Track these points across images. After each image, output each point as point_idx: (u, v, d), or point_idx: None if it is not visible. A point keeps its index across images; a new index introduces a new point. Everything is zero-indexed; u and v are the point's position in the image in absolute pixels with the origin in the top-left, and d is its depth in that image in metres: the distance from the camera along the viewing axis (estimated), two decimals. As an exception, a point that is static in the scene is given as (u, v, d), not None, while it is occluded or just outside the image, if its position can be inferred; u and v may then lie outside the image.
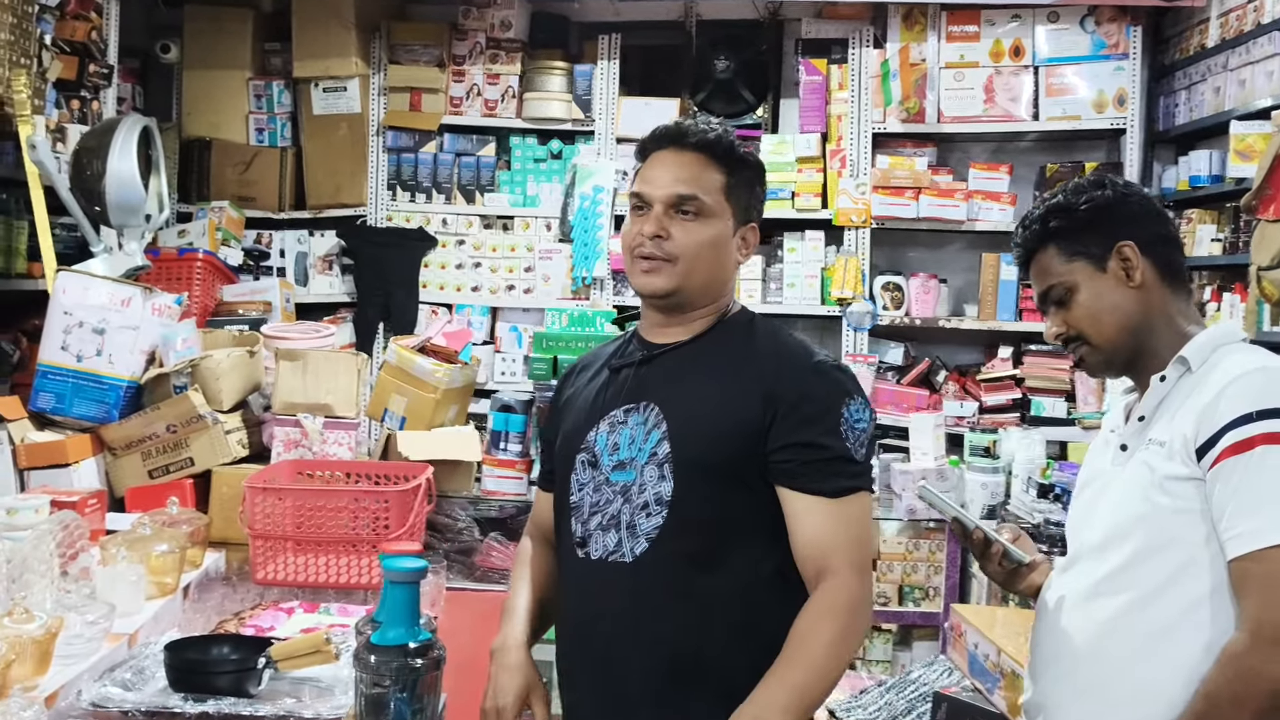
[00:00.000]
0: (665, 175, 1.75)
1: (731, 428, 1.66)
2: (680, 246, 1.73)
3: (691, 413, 1.70)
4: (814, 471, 1.64)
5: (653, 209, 1.74)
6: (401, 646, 1.55)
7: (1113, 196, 1.68)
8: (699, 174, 1.75)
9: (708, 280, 1.76)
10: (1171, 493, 1.54)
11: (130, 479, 3.12)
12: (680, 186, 1.74)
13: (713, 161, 1.77)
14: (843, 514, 1.64)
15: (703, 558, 1.66)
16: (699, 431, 1.68)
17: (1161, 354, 1.64)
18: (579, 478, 1.77)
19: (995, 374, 4.64)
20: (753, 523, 1.67)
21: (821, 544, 1.63)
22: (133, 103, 4.95)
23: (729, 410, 1.67)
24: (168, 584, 2.55)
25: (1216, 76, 4.17)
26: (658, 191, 1.74)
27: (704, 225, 1.74)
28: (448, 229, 4.96)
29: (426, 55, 4.94)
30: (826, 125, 4.77)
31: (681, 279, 1.73)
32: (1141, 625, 1.55)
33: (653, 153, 1.80)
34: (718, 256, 1.76)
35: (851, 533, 1.64)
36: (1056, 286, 1.69)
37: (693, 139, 1.77)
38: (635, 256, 1.76)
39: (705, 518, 1.66)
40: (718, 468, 1.66)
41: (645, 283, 1.75)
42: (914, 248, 4.97)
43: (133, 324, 3.11)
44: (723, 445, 1.66)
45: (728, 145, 1.79)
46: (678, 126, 1.80)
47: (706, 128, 1.79)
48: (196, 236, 4.71)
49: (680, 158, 1.76)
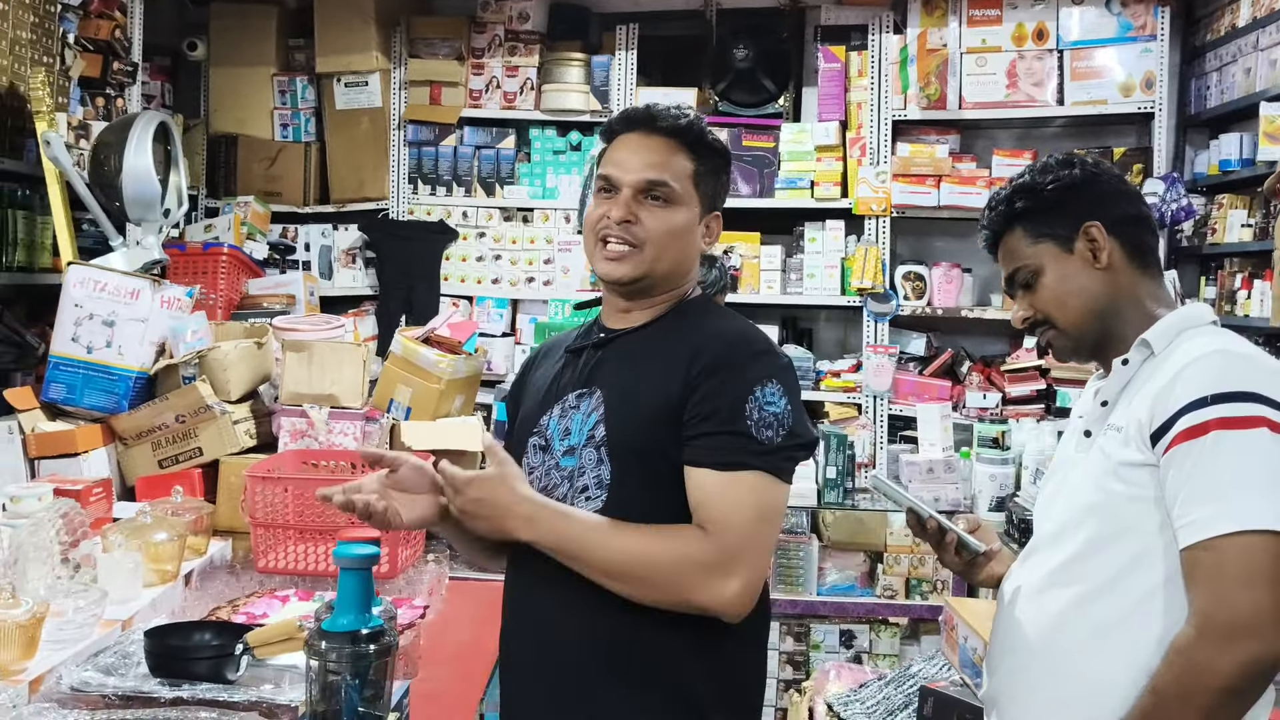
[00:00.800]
0: (635, 159, 1.72)
1: (658, 411, 1.64)
2: (648, 232, 1.70)
3: (626, 396, 1.68)
4: (708, 444, 1.59)
5: (621, 193, 1.72)
6: (352, 633, 1.55)
7: (1080, 176, 1.63)
8: (668, 160, 1.73)
9: (672, 267, 1.74)
10: (1126, 479, 1.48)
11: (141, 468, 3.16)
12: (651, 172, 1.71)
13: (682, 148, 1.74)
14: (729, 488, 1.57)
15: None
16: (630, 414, 1.66)
17: (1128, 337, 1.58)
18: (530, 461, 1.75)
19: (1020, 365, 4.55)
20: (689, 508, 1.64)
21: (698, 510, 1.58)
22: (162, 100, 5.03)
23: (654, 392, 1.65)
24: (168, 571, 2.57)
25: (1248, 57, 4.05)
26: (627, 175, 1.71)
27: (672, 212, 1.72)
28: (468, 221, 4.98)
29: (446, 49, 4.96)
30: (846, 113, 4.71)
31: (648, 266, 1.71)
32: (1093, 617, 1.50)
33: (620, 135, 1.77)
34: (683, 244, 1.74)
35: (735, 508, 1.57)
36: (1023, 269, 1.65)
37: (663, 124, 1.75)
38: (600, 240, 1.73)
39: (642, 502, 1.63)
40: (648, 451, 1.64)
41: (610, 269, 1.72)
42: (936, 237, 4.90)
43: (141, 316, 3.15)
44: (650, 428, 1.64)
45: (698, 132, 1.76)
46: (647, 110, 1.77)
47: (678, 113, 1.76)
48: (222, 231, 4.77)
49: (649, 142, 1.74)
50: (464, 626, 2.68)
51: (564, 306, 3.58)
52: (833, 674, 2.87)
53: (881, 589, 3.98)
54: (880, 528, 3.94)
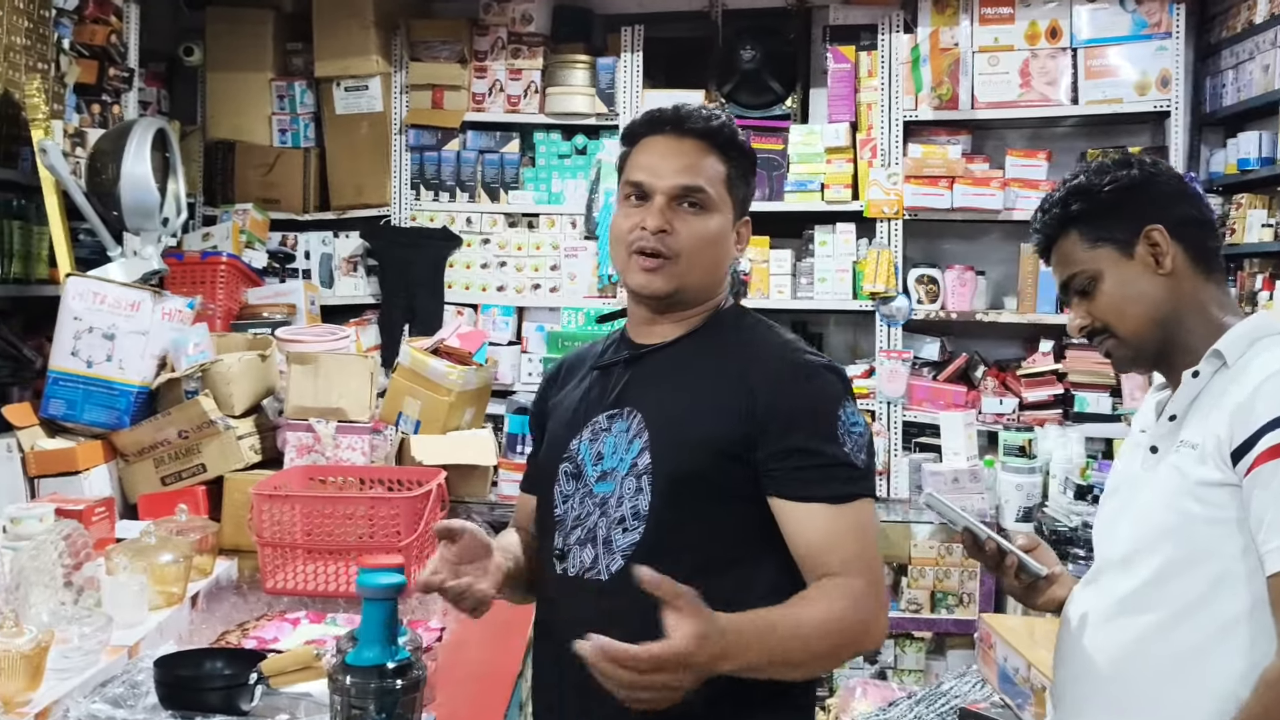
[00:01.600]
0: (667, 164, 1.63)
1: (713, 436, 1.55)
2: (683, 242, 1.61)
3: (671, 420, 1.58)
4: (810, 478, 1.52)
5: (654, 200, 1.62)
6: (378, 667, 1.46)
7: (1139, 176, 1.55)
8: (701, 163, 1.64)
9: (706, 278, 1.65)
10: (1204, 500, 1.40)
11: (143, 485, 3.08)
12: (685, 177, 1.62)
13: (713, 150, 1.65)
14: (844, 520, 1.51)
15: (684, 576, 1.51)
16: (679, 440, 1.56)
17: (1194, 347, 1.50)
18: (562, 489, 1.66)
19: (1036, 369, 4.47)
20: (740, 537, 1.56)
21: (821, 551, 1.51)
22: (158, 106, 4.93)
23: (710, 417, 1.56)
24: (174, 593, 2.50)
25: (1265, 54, 3.98)
26: (661, 182, 1.62)
27: (707, 219, 1.63)
28: (472, 228, 4.89)
29: (447, 52, 4.87)
30: (856, 114, 4.63)
31: (682, 277, 1.62)
32: (1170, 646, 1.42)
33: (646, 138, 1.67)
34: (718, 252, 1.66)
35: (855, 539, 1.51)
36: (1079, 275, 1.56)
37: (694, 125, 1.65)
38: (634, 252, 1.63)
39: (686, 533, 1.55)
40: (699, 479, 1.55)
41: (645, 282, 1.62)
42: (949, 239, 4.82)
43: (142, 329, 3.07)
44: (704, 455, 1.55)
45: (729, 134, 1.67)
46: (676, 111, 1.67)
47: (708, 114, 1.67)
48: (221, 239, 4.68)
49: (680, 145, 1.64)
50: (478, 647, 2.60)
51: (577, 315, 3.49)
52: (858, 691, 2.80)
53: (906, 603, 3.88)
54: (904, 540, 3.85)
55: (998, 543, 1.62)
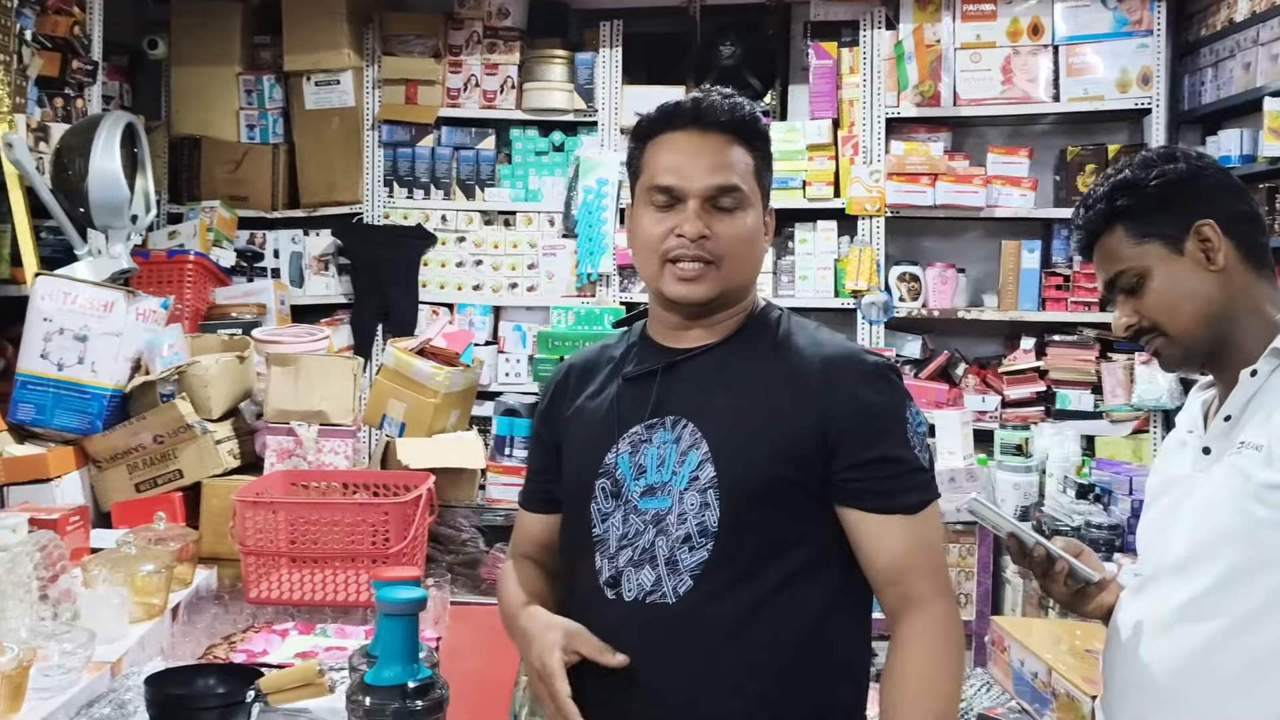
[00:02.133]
0: (698, 163, 1.52)
1: (784, 446, 1.47)
2: (725, 245, 1.52)
3: (735, 429, 1.50)
4: (889, 488, 1.48)
5: (687, 204, 1.52)
6: (399, 687, 1.39)
7: (1186, 170, 1.50)
8: (731, 159, 1.53)
9: (746, 279, 1.57)
10: (1270, 504, 1.35)
11: (116, 493, 2.98)
12: (719, 176, 1.51)
13: (739, 142, 1.55)
14: (922, 531, 1.49)
15: (757, 592, 1.47)
16: (747, 452, 1.48)
17: (1247, 345, 1.46)
18: (601, 507, 1.55)
19: (1018, 366, 4.47)
20: (809, 550, 1.49)
21: (904, 567, 1.48)
22: (120, 101, 4.80)
23: (779, 426, 1.48)
24: (154, 605, 2.40)
25: (1246, 52, 3.99)
26: (693, 184, 1.51)
27: (744, 217, 1.53)
28: (447, 225, 4.80)
29: (421, 46, 4.77)
30: (838, 111, 4.60)
31: (725, 282, 1.53)
32: (1235, 656, 1.37)
33: (664, 134, 1.56)
34: (757, 251, 1.57)
35: (934, 551, 1.51)
36: (1126, 273, 1.51)
37: (717, 118, 1.54)
38: (670, 260, 1.53)
39: (757, 547, 1.47)
40: (772, 491, 1.48)
41: (687, 291, 1.52)
42: (929, 237, 4.80)
43: (116, 330, 2.97)
44: (775, 466, 1.47)
45: (754, 122, 1.57)
46: (696, 104, 1.56)
47: (730, 104, 1.56)
48: (187, 238, 4.55)
49: (707, 142, 1.53)
50: (474, 656, 2.53)
51: (566, 314, 3.42)
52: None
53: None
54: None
55: (1047, 548, 1.57)
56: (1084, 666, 2.04)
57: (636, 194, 1.61)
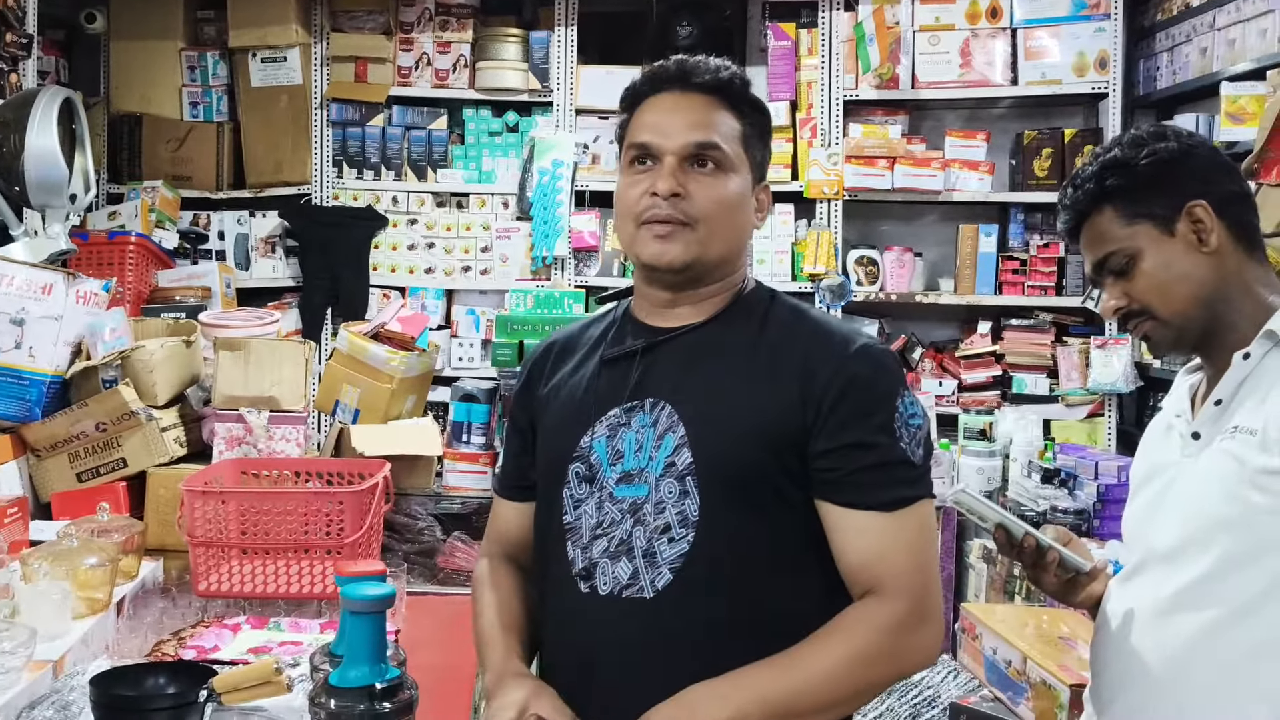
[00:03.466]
0: (676, 120, 1.46)
1: (766, 431, 1.39)
2: (700, 207, 1.44)
3: (715, 414, 1.42)
4: (865, 480, 1.38)
5: (663, 162, 1.45)
6: (366, 688, 1.32)
7: (1178, 149, 1.46)
8: (713, 119, 1.47)
9: (727, 249, 1.48)
10: (1266, 489, 1.33)
11: (57, 483, 2.86)
12: (697, 133, 1.45)
13: (724, 105, 1.48)
14: (901, 530, 1.37)
15: (741, 586, 1.39)
16: (727, 436, 1.40)
17: (1240, 328, 1.43)
18: (574, 493, 1.48)
19: (974, 350, 4.47)
20: (796, 540, 1.41)
21: (869, 564, 1.37)
22: (57, 76, 4.64)
23: (761, 409, 1.40)
24: (98, 600, 2.31)
25: (1203, 36, 4.00)
26: (670, 141, 1.45)
27: (724, 180, 1.46)
28: (398, 207, 4.70)
29: (371, 22, 4.65)
30: (796, 93, 4.55)
31: (701, 247, 1.45)
32: (1231, 645, 1.34)
33: (649, 97, 1.50)
34: (739, 219, 1.49)
35: (911, 551, 1.37)
36: (1116, 254, 1.47)
37: (701, 79, 1.48)
38: (644, 221, 1.46)
39: (740, 539, 1.40)
40: (751, 479, 1.40)
41: (659, 252, 1.45)
42: (887, 220, 4.78)
43: (55, 313, 2.84)
44: (758, 449, 1.39)
45: (741, 86, 1.51)
46: (680, 65, 1.50)
47: (716, 65, 1.50)
48: (128, 218, 4.43)
49: (688, 100, 1.48)
50: (433, 649, 2.46)
51: (525, 298, 3.34)
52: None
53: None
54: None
55: (1037, 539, 1.52)
56: (1057, 653, 2.02)
57: (620, 160, 1.55)
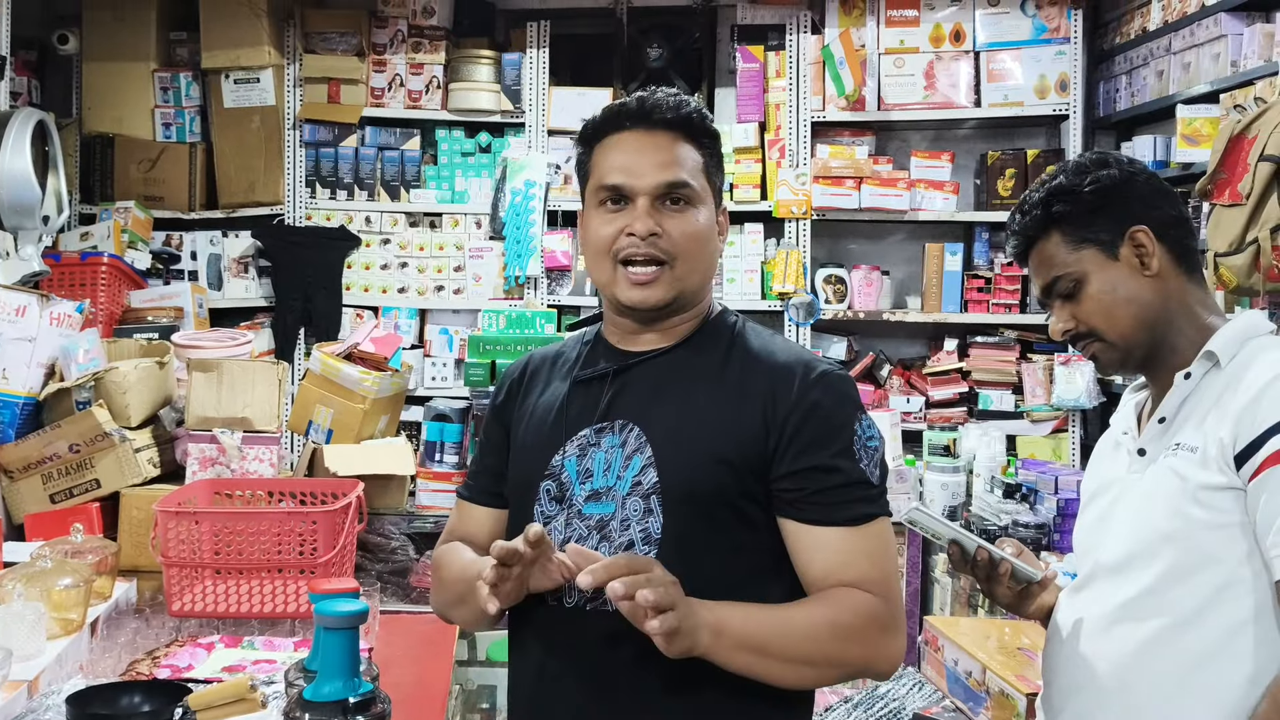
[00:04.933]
0: (644, 160, 1.49)
1: (729, 453, 1.44)
2: (676, 244, 1.48)
3: (680, 435, 1.46)
4: (827, 500, 1.42)
5: (635, 203, 1.48)
6: (340, 702, 1.35)
7: (1119, 176, 1.53)
8: (679, 155, 1.51)
9: (702, 280, 1.53)
10: (1207, 505, 1.38)
11: (30, 504, 2.88)
12: (667, 172, 1.48)
13: (687, 139, 1.52)
14: (863, 546, 1.42)
15: None
16: (691, 458, 1.45)
17: (1182, 348, 1.49)
18: (544, 510, 1.52)
19: (941, 367, 4.54)
20: (754, 559, 1.46)
21: (834, 572, 1.42)
22: (29, 97, 4.64)
23: (724, 432, 1.45)
24: (72, 621, 2.32)
25: (1159, 60, 4.10)
26: (642, 181, 1.48)
27: (695, 214, 1.50)
28: (371, 227, 4.73)
29: (344, 44, 4.69)
30: (765, 114, 4.62)
31: (680, 283, 1.49)
32: (1174, 655, 1.40)
33: (610, 135, 1.53)
34: (710, 249, 1.53)
35: (872, 561, 1.42)
36: (1063, 278, 1.53)
37: (665, 115, 1.52)
38: (622, 262, 1.49)
39: (702, 556, 1.43)
40: (714, 499, 1.44)
41: (643, 296, 1.48)
42: (854, 239, 4.85)
43: (29, 335, 2.87)
44: (719, 473, 1.44)
45: (700, 119, 1.55)
46: (641, 102, 1.53)
47: (676, 100, 1.54)
48: (100, 239, 4.42)
49: (653, 139, 1.51)
50: (406, 666, 2.49)
51: (498, 318, 3.38)
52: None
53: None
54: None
55: (990, 551, 1.57)
56: (1016, 664, 2.07)
57: (586, 198, 1.58)
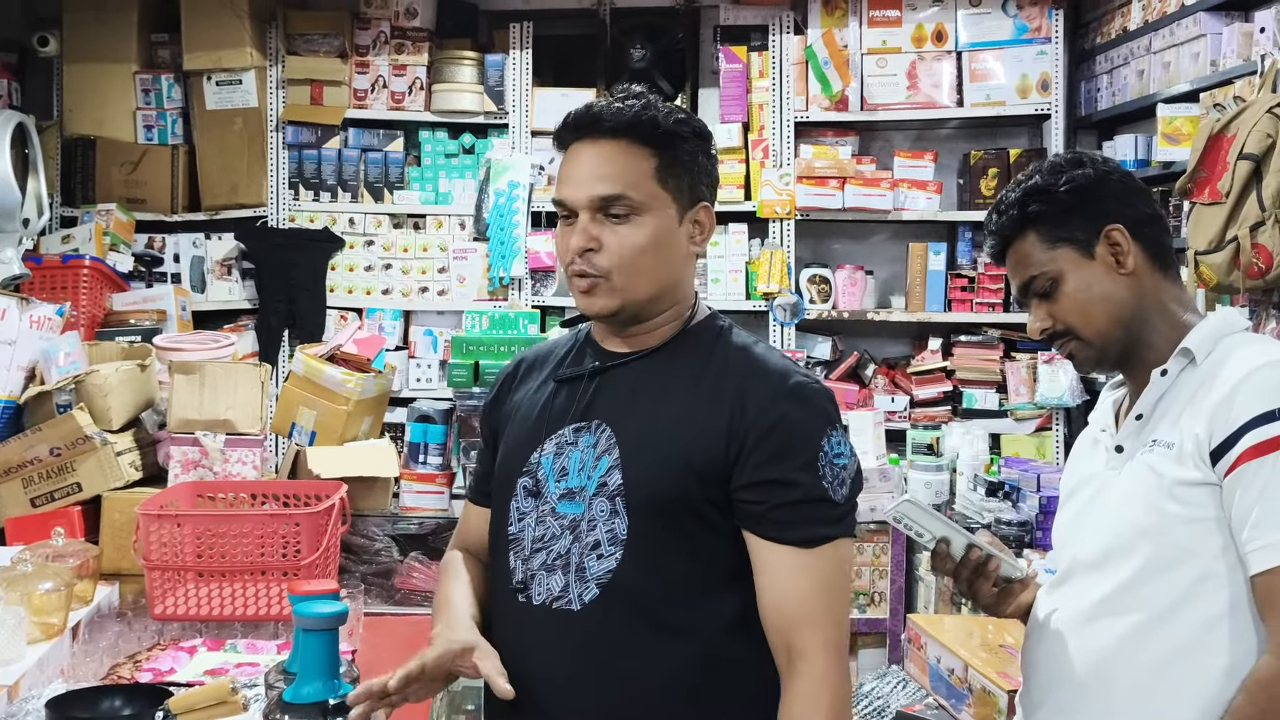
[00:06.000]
0: (583, 173, 1.48)
1: (693, 459, 1.44)
2: (612, 258, 1.47)
3: (647, 438, 1.47)
4: (783, 516, 1.41)
5: (578, 217, 1.49)
6: (320, 704, 1.35)
7: (1094, 175, 1.53)
8: (623, 166, 1.48)
9: (656, 289, 1.50)
10: (1182, 500, 1.39)
11: (11, 508, 2.86)
12: (600, 186, 1.47)
13: (636, 145, 1.49)
14: (817, 570, 1.41)
15: (665, 606, 1.44)
16: (654, 461, 1.45)
17: (1158, 346, 1.50)
18: (519, 505, 1.53)
19: (925, 366, 4.55)
20: (718, 565, 1.46)
21: (790, 612, 1.41)
22: (9, 100, 4.63)
23: (690, 438, 1.45)
24: (53, 625, 2.31)
25: (1140, 59, 4.12)
26: (579, 194, 1.48)
27: (637, 227, 1.47)
28: (355, 229, 4.72)
29: (327, 45, 4.68)
30: (748, 114, 4.63)
31: (622, 294, 1.48)
32: (1152, 649, 1.41)
33: (570, 144, 1.54)
34: (660, 259, 1.49)
35: (828, 598, 1.42)
36: (1040, 277, 1.53)
37: (610, 122, 1.50)
38: (570, 275, 1.52)
39: (664, 560, 1.44)
40: (677, 504, 1.44)
41: (586, 305, 1.51)
42: (838, 239, 4.86)
43: (8, 338, 2.86)
44: (683, 479, 1.44)
45: (650, 122, 1.50)
46: (589, 111, 1.53)
47: (623, 106, 1.51)
48: (82, 242, 4.41)
49: (599, 149, 1.49)
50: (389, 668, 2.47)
51: (481, 319, 3.38)
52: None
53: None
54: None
55: (983, 549, 1.57)
56: (998, 661, 2.08)
57: None
